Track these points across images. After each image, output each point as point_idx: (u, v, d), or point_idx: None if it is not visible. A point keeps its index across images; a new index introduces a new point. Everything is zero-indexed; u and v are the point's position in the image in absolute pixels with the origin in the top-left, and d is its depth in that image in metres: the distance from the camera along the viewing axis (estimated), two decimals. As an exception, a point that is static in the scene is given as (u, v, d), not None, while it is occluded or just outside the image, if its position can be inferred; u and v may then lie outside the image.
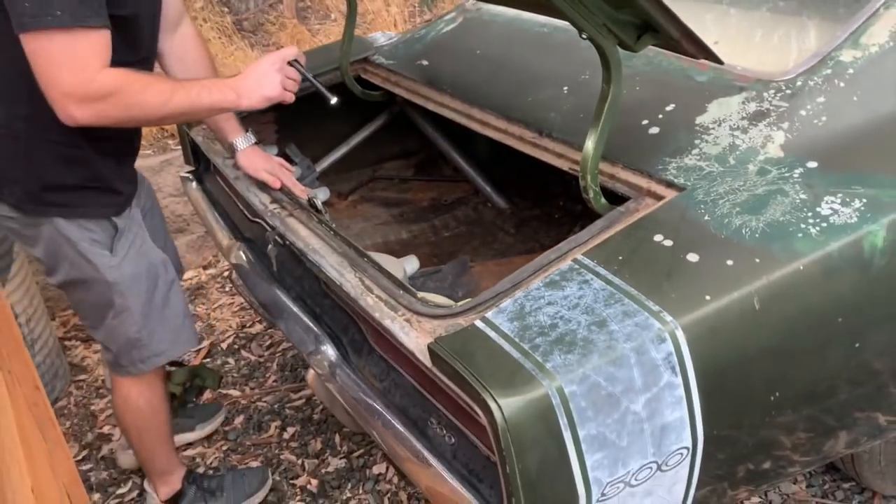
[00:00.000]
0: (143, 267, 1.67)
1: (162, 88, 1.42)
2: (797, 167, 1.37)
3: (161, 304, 1.72)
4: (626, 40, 1.31)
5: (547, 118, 1.70)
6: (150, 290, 1.69)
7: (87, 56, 1.33)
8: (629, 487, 1.18)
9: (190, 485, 1.98)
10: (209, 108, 1.51)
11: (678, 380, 1.15)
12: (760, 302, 1.19)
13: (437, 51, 2.17)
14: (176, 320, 1.75)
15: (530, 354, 1.12)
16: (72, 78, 1.32)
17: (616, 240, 1.31)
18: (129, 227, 1.66)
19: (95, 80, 1.34)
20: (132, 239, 1.66)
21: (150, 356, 1.74)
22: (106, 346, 1.77)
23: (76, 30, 1.30)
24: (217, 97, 1.46)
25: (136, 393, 1.80)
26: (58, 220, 1.57)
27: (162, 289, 1.72)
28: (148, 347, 1.72)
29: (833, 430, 1.46)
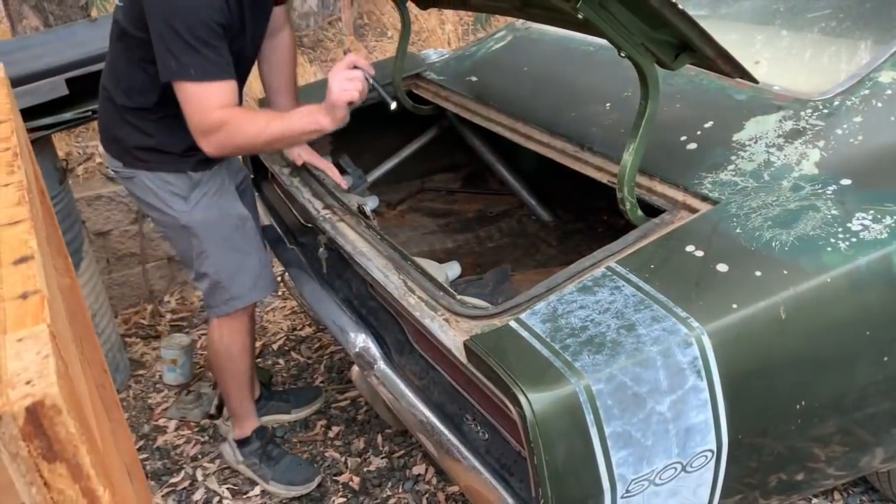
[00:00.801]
0: (215, 214, 1.92)
1: (259, 120, 1.68)
2: (831, 184, 1.40)
3: (238, 251, 1.95)
4: (664, 59, 1.37)
5: (588, 133, 1.77)
6: (225, 237, 1.94)
7: (211, 101, 1.64)
8: (654, 486, 1.23)
9: (257, 439, 2.19)
10: (300, 133, 1.71)
11: (703, 383, 1.19)
12: (787, 312, 1.23)
13: (487, 67, 2.26)
14: (254, 268, 1.98)
15: (560, 354, 1.18)
16: (197, 117, 1.65)
17: (649, 249, 1.36)
18: (208, 181, 1.92)
19: (211, 116, 1.64)
20: (207, 191, 1.92)
21: (230, 298, 1.97)
22: (197, 287, 2.03)
23: (205, 83, 1.63)
24: (305, 121, 1.69)
25: (219, 336, 2.04)
26: (144, 173, 1.89)
27: (238, 237, 1.95)
28: (227, 290, 1.96)
29: (867, 445, 1.47)
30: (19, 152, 0.76)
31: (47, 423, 0.41)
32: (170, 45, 1.60)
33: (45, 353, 0.44)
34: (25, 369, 0.43)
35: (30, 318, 0.49)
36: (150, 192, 1.90)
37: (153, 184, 1.89)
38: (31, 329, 0.47)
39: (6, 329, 0.48)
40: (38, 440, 0.41)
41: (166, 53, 1.61)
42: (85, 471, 0.43)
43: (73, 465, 0.42)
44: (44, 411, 0.41)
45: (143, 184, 1.90)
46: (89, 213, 2.86)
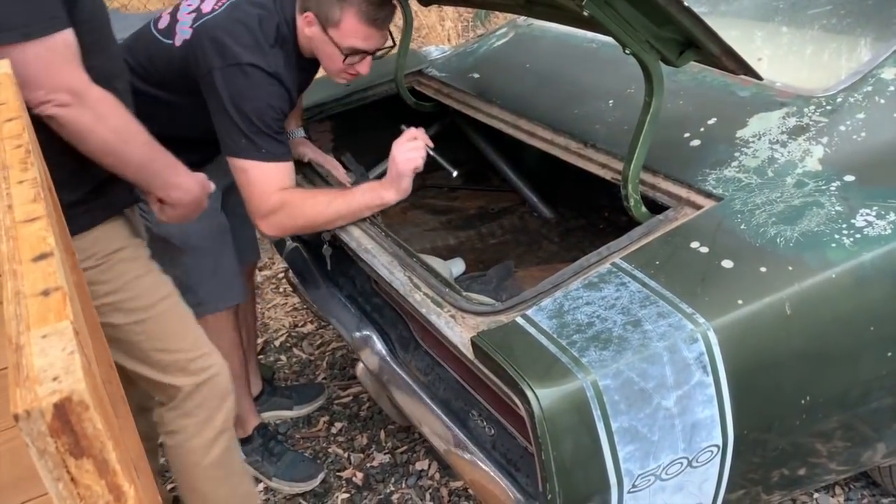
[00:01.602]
0: (192, 226, 1.86)
1: (320, 200, 1.70)
2: (834, 180, 1.41)
3: (211, 257, 1.94)
4: (669, 56, 1.38)
5: (592, 130, 1.77)
6: (198, 246, 1.92)
7: (274, 182, 1.67)
8: (660, 481, 1.24)
9: (259, 436, 2.19)
10: (363, 209, 1.70)
11: (709, 379, 1.20)
12: (792, 308, 1.23)
13: (489, 64, 2.26)
14: (225, 276, 1.97)
15: (567, 350, 1.19)
16: (258, 199, 1.68)
17: (654, 246, 1.37)
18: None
19: (273, 198, 1.66)
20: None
21: (198, 304, 1.91)
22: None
23: (272, 164, 1.67)
24: (368, 196, 1.69)
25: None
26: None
27: (211, 247, 1.94)
28: (196, 295, 1.91)
29: (869, 440, 1.48)
30: (31, 149, 0.77)
31: (75, 420, 0.42)
32: (241, 126, 1.64)
33: (71, 350, 0.45)
34: (51, 365, 0.44)
35: (52, 314, 0.49)
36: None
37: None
38: (55, 325, 0.47)
39: (29, 326, 0.48)
40: (66, 436, 0.42)
41: (236, 132, 1.64)
42: (111, 466, 0.43)
43: (99, 461, 0.43)
44: (71, 407, 0.41)
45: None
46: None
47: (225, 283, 1.98)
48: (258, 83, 1.66)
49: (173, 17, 1.80)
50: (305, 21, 1.73)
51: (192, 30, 1.74)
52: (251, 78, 1.65)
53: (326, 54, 1.76)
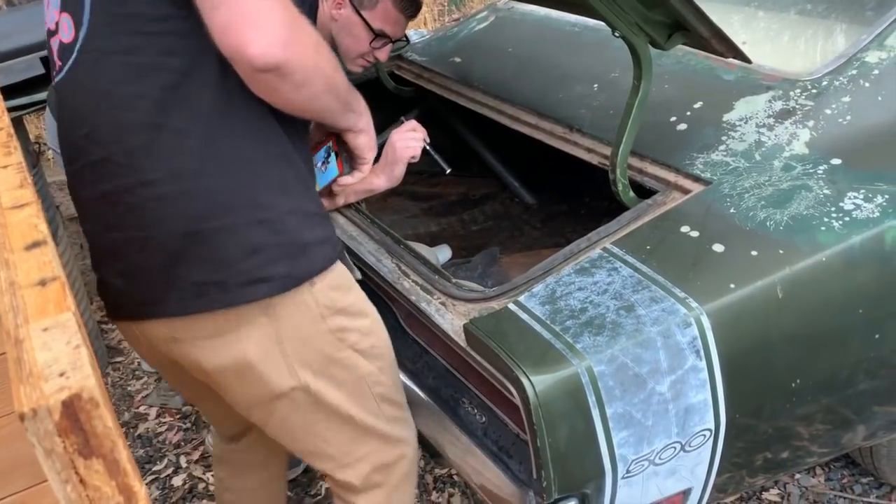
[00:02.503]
0: None
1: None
2: (821, 164, 1.41)
3: None
4: (657, 39, 1.37)
5: (577, 114, 1.76)
6: None
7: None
8: (653, 466, 1.24)
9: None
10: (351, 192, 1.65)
11: (702, 363, 1.20)
12: (783, 291, 1.23)
13: (470, 48, 2.23)
14: None
15: (561, 336, 1.18)
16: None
17: (644, 230, 1.36)
18: None
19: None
20: None
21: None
22: None
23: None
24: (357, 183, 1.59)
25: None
26: None
27: None
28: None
29: (851, 422, 1.50)
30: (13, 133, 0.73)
31: (84, 418, 0.39)
32: None
33: (76, 343, 0.42)
34: (56, 360, 0.41)
35: (52, 305, 0.46)
36: None
37: None
38: (56, 318, 0.45)
39: (28, 318, 0.45)
40: (75, 435, 0.39)
41: None
42: (122, 466, 0.41)
43: (110, 461, 0.40)
44: (81, 405, 0.39)
45: None
46: (62, 198, 2.79)
47: None
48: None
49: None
50: (334, 3, 1.72)
51: None
52: None
53: (354, 35, 1.74)
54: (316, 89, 1.12)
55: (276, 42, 1.00)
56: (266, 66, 1.00)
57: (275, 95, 1.08)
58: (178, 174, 1.09)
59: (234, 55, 1.00)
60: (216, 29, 1.00)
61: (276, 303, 1.14)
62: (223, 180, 1.10)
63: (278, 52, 1.00)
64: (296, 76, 1.05)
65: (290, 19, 1.03)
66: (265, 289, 1.13)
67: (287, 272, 1.14)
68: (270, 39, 0.99)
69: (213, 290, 1.11)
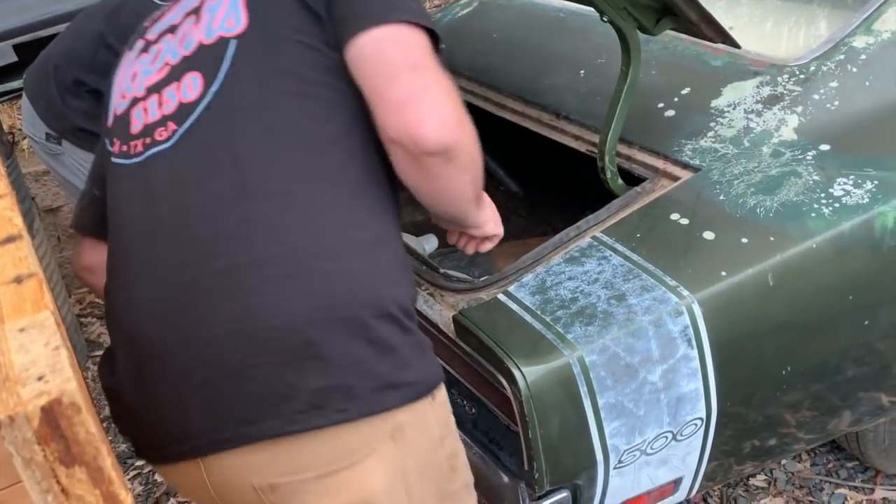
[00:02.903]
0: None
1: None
2: (810, 150, 1.40)
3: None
4: (646, 23, 1.35)
5: (564, 101, 1.74)
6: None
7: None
8: (645, 455, 1.23)
9: None
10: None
11: (694, 352, 1.19)
12: (774, 278, 1.23)
13: (454, 34, 2.20)
14: None
15: (552, 326, 1.16)
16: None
17: (633, 218, 1.34)
18: None
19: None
20: None
21: None
22: None
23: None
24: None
25: None
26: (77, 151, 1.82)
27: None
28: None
29: (837, 409, 1.50)
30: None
31: (65, 424, 0.37)
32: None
33: (55, 345, 0.39)
34: (34, 363, 0.38)
35: (29, 304, 0.44)
36: (78, 175, 1.82)
37: (82, 166, 1.81)
38: (34, 317, 0.42)
39: (3, 318, 0.43)
40: (56, 443, 0.37)
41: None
42: (106, 474, 0.38)
43: (93, 469, 0.38)
44: (61, 410, 0.36)
45: (72, 164, 1.83)
46: (37, 189, 2.73)
47: None
48: None
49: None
50: None
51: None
52: None
53: None
54: (473, 175, 1.01)
55: (451, 121, 0.92)
56: (439, 146, 0.90)
57: (432, 180, 0.96)
58: (304, 252, 0.93)
59: (408, 132, 0.89)
60: (391, 103, 0.91)
61: (405, 421, 0.94)
62: (352, 264, 0.94)
63: (454, 133, 0.92)
64: (461, 160, 0.95)
65: (458, 97, 0.95)
66: (397, 397, 0.92)
67: (416, 378, 0.95)
68: (446, 118, 0.91)
69: (337, 397, 0.89)
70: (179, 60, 1.03)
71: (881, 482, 1.97)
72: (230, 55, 0.99)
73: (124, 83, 1.11)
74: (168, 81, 1.03)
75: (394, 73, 0.92)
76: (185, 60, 1.03)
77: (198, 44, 1.02)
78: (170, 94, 1.02)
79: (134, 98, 1.06)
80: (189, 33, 1.04)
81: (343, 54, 0.95)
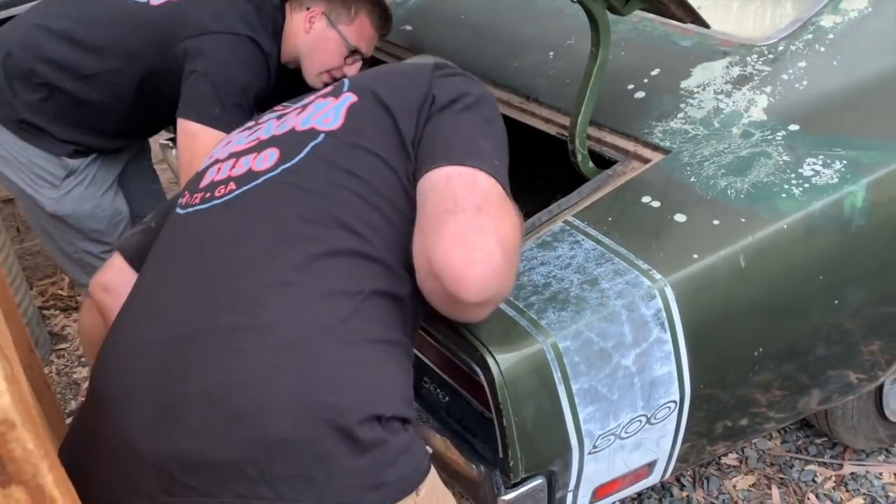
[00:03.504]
0: (88, 207, 1.84)
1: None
2: (780, 130, 1.40)
3: (105, 244, 1.89)
4: (615, 3, 1.33)
5: (533, 83, 1.72)
6: (96, 230, 1.87)
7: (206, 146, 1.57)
8: (619, 440, 1.22)
9: None
10: None
11: (667, 335, 1.18)
12: (746, 260, 1.22)
13: (421, 16, 2.16)
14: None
15: (525, 312, 1.14)
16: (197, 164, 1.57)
17: (605, 202, 1.33)
18: (85, 169, 1.83)
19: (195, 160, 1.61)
20: (82, 180, 1.82)
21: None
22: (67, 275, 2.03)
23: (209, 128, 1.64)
24: None
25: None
26: (17, 143, 1.77)
27: (112, 232, 1.89)
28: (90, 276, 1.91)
29: (807, 388, 1.51)
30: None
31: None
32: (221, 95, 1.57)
33: (-10, 353, 0.37)
34: (-33, 374, 0.35)
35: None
36: (19, 171, 1.79)
37: (21, 162, 1.77)
38: (-32, 324, 0.39)
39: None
40: (-9, 461, 0.34)
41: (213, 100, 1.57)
42: (48, 492, 0.36)
43: (32, 488, 0.35)
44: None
45: (13, 160, 1.78)
46: (-6, 179, 2.64)
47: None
48: (254, 59, 1.64)
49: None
50: (308, 16, 1.73)
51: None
52: (250, 51, 1.63)
53: (327, 51, 1.75)
54: (495, 306, 1.07)
55: (497, 274, 0.93)
56: (478, 296, 0.92)
57: (457, 314, 1.02)
58: (305, 335, 0.93)
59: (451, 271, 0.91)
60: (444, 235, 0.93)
61: None
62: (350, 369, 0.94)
63: (493, 284, 0.93)
64: (491, 306, 1.02)
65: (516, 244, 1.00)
66: (374, 498, 0.90)
67: (398, 476, 0.92)
68: (494, 269, 0.92)
69: (300, 488, 0.87)
70: (269, 138, 1.12)
71: (849, 458, 2.00)
72: (314, 144, 1.07)
73: (217, 149, 1.19)
74: (250, 151, 1.11)
75: (455, 208, 0.95)
76: (273, 139, 1.11)
77: (291, 128, 1.12)
78: (246, 161, 1.09)
79: (216, 160, 1.15)
80: (289, 120, 1.14)
81: (416, 186, 1.02)
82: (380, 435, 0.90)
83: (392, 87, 1.14)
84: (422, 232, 0.97)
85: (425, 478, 0.97)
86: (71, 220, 1.83)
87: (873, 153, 1.34)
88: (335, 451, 0.87)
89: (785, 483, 1.94)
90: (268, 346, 0.90)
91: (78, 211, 1.82)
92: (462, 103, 1.12)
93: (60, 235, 1.88)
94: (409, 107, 1.10)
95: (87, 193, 1.83)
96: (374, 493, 0.89)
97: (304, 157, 1.06)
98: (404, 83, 1.14)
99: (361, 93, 1.13)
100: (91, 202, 1.84)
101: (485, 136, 1.07)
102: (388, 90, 1.13)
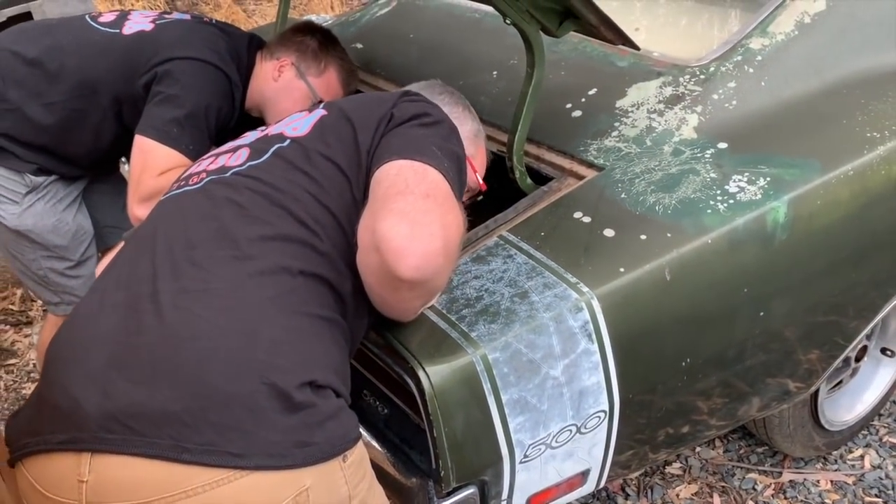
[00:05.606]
0: (51, 222, 1.83)
1: None
2: (709, 148, 1.45)
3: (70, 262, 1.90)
4: (549, 26, 1.37)
5: (477, 101, 1.75)
6: (59, 246, 1.86)
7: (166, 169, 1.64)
8: (550, 449, 1.25)
9: None
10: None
11: (594, 346, 1.22)
12: (671, 273, 1.27)
13: (372, 34, 2.20)
14: (91, 279, 1.91)
15: (457, 325, 1.18)
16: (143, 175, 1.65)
17: (539, 217, 1.37)
18: (48, 186, 1.82)
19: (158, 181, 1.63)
20: (44, 195, 1.82)
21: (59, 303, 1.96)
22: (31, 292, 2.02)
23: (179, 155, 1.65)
24: None
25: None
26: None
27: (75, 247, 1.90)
28: (55, 294, 1.94)
29: (745, 395, 1.56)
30: None
31: None
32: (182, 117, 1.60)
33: None
34: None
35: None
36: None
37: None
38: None
39: None
40: None
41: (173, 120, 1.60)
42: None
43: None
44: None
45: None
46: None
47: (83, 286, 1.92)
48: (220, 85, 1.68)
49: (122, 17, 1.79)
50: (278, 65, 1.77)
51: (155, 24, 1.73)
52: (217, 77, 1.67)
53: (293, 99, 1.79)
54: (425, 301, 1.16)
55: (436, 258, 0.98)
56: (413, 276, 0.97)
57: (388, 293, 1.06)
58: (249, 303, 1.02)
59: (392, 246, 0.96)
60: (392, 210, 0.98)
61: (311, 484, 0.96)
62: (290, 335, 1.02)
63: (430, 269, 0.98)
64: (422, 290, 1.06)
65: (458, 237, 1.06)
66: (300, 455, 0.95)
67: (325, 438, 0.98)
68: (433, 252, 0.97)
69: (233, 437, 0.92)
70: (244, 143, 1.25)
71: (788, 466, 2.05)
72: (279, 146, 1.20)
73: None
74: (228, 152, 1.25)
75: (405, 190, 1.02)
76: (248, 143, 1.25)
77: (264, 134, 1.27)
78: (222, 159, 1.23)
79: (200, 163, 1.28)
80: (269, 131, 1.28)
81: (370, 179, 1.11)
82: (310, 398, 0.97)
83: (359, 106, 1.26)
84: (371, 210, 1.04)
85: (353, 446, 1.03)
86: (33, 234, 1.82)
87: (795, 170, 1.40)
88: (267, 407, 0.94)
89: (726, 491, 1.99)
90: (214, 308, 0.99)
91: (40, 226, 1.82)
92: (420, 121, 1.21)
93: (23, 254, 1.86)
94: (370, 122, 1.20)
95: (49, 208, 1.83)
96: (300, 451, 0.95)
97: (269, 157, 1.18)
98: (371, 104, 1.26)
99: (331, 108, 1.27)
100: (53, 217, 1.83)
101: (439, 146, 1.14)
102: (355, 108, 1.25)
